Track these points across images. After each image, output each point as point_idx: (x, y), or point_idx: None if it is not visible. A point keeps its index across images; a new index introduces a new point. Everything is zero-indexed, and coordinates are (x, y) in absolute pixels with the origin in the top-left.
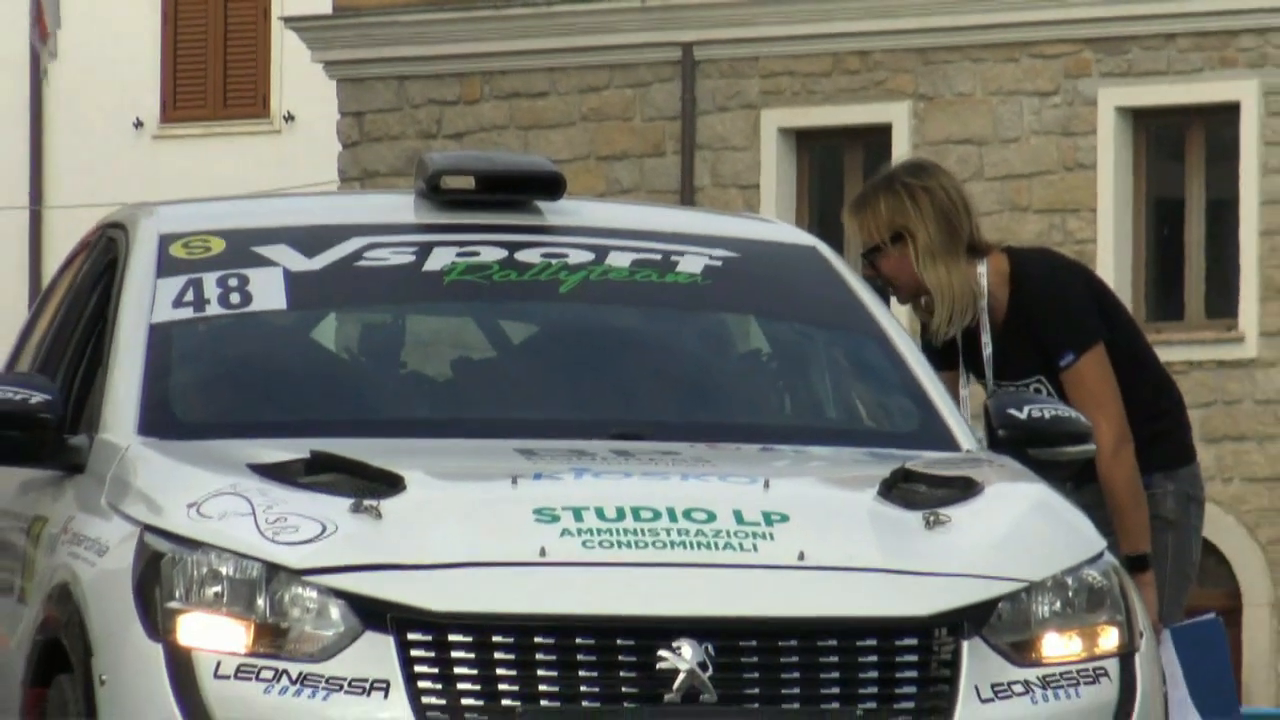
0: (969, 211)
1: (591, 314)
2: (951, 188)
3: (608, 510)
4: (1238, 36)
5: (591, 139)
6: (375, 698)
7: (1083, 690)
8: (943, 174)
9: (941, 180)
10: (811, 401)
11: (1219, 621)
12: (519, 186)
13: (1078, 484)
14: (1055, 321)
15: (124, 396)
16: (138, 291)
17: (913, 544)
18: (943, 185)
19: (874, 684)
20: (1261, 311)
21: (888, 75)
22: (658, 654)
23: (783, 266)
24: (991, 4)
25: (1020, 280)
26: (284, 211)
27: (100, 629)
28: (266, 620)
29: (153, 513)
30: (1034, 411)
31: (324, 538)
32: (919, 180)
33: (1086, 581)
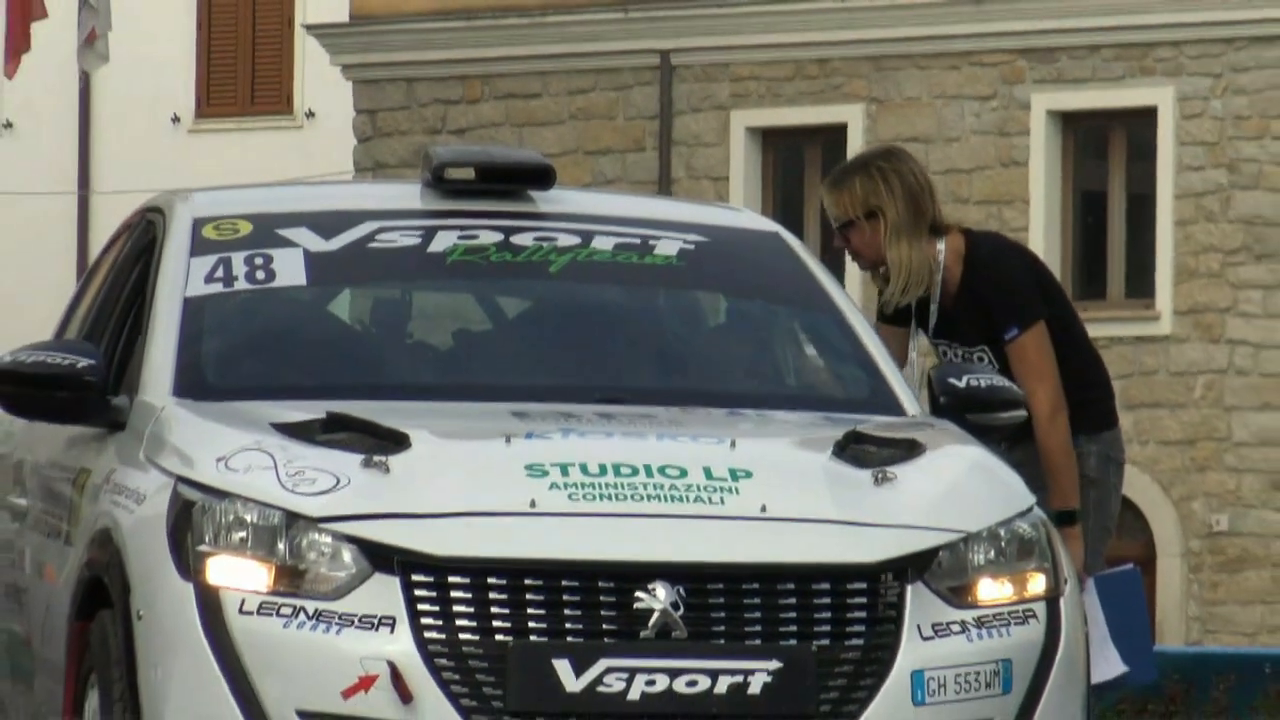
0: (933, 195)
1: (578, 292)
2: (919, 173)
3: (591, 466)
4: (1155, 48)
5: (579, 135)
6: (383, 632)
7: (1013, 630)
8: (912, 160)
9: (911, 166)
10: (773, 370)
11: (1137, 571)
12: (514, 177)
13: (1012, 444)
14: (1002, 299)
15: (160, 362)
16: (173, 268)
17: (862, 498)
18: (912, 170)
19: (827, 623)
20: (1175, 293)
21: (844, 80)
22: (634, 595)
23: (749, 250)
24: (936, 17)
25: (973, 259)
26: (304, 198)
27: (137, 569)
28: (286, 563)
29: (185, 466)
30: (971, 381)
31: (338, 489)
32: (891, 165)
33: (1017, 533)
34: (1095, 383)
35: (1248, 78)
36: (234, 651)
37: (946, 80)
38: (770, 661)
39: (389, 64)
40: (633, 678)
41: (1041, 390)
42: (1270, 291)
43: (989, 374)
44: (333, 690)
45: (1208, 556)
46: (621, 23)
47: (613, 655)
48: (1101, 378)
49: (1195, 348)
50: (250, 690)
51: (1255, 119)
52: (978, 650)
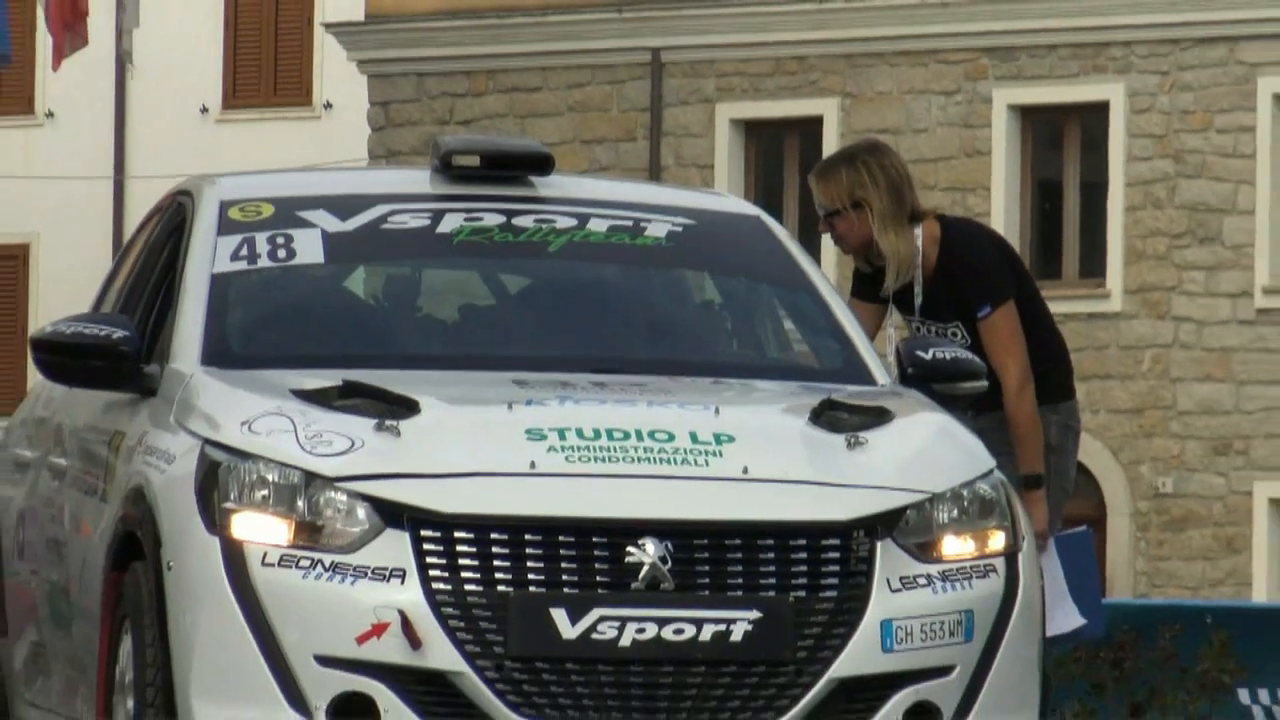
0: (911, 186)
1: (575, 270)
2: (900, 165)
3: (586, 431)
4: (1108, 48)
5: (576, 126)
6: (394, 583)
7: (975, 583)
8: (893, 154)
9: (893, 159)
10: (755, 343)
11: (1090, 532)
12: (516, 164)
13: (976, 413)
14: (976, 280)
15: (189, 333)
16: (201, 247)
17: (836, 461)
18: (894, 163)
19: (804, 576)
20: (1125, 274)
21: (820, 76)
22: (626, 550)
23: (732, 232)
24: (906, 19)
25: (947, 243)
26: (322, 183)
27: (168, 524)
28: (305, 519)
29: (212, 429)
30: (937, 354)
31: (353, 451)
32: (875, 158)
33: (979, 494)
34: (1056, 357)
35: (1193, 75)
36: (256, 600)
37: (914, 76)
38: (751, 611)
39: (401, 59)
40: (624, 626)
41: (1011, 364)
42: (1212, 272)
43: (953, 348)
44: (348, 636)
45: (1154, 516)
46: (616, 22)
47: (605, 605)
48: (1062, 352)
49: (1143, 324)
50: (271, 636)
51: (1200, 113)
52: (942, 601)
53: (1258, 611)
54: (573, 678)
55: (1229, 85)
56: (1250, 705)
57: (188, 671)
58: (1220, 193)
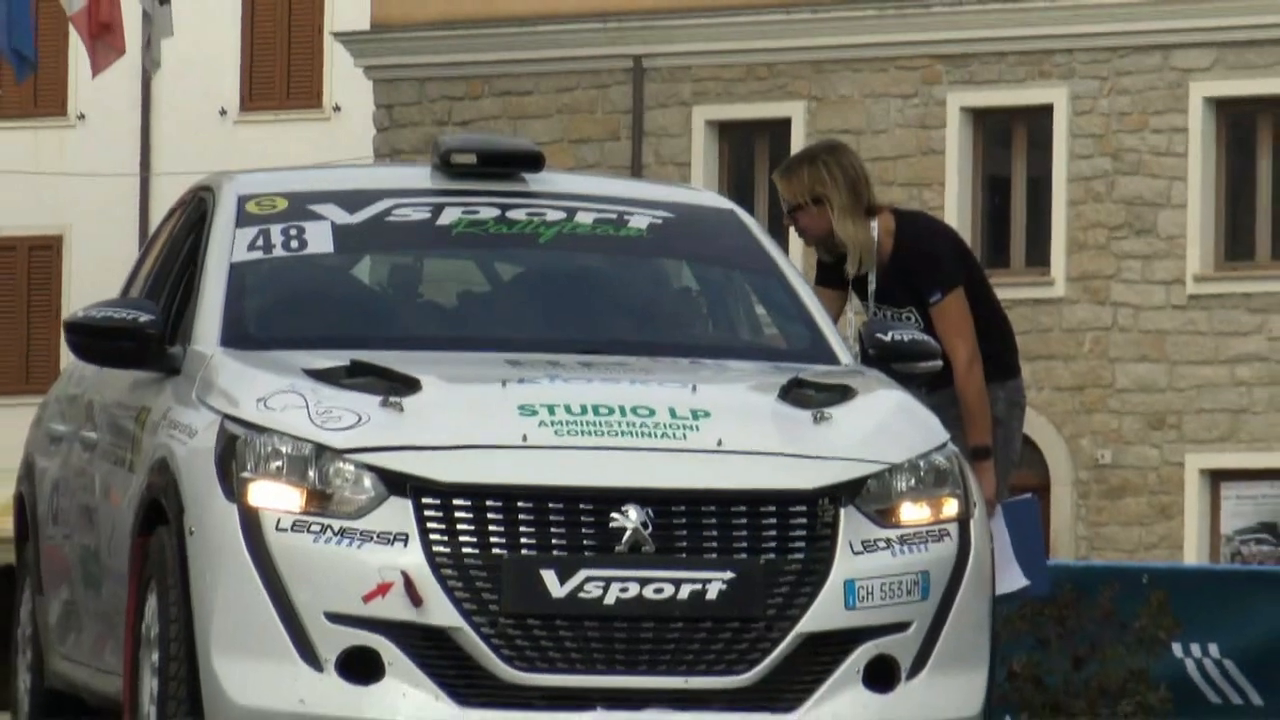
0: (868, 183)
1: (563, 259)
2: (858, 164)
3: (574, 406)
4: (1052, 55)
5: (564, 127)
6: (397, 546)
7: (930, 546)
8: (851, 153)
9: (851, 158)
10: (728, 326)
11: (1035, 499)
12: (510, 162)
13: (931, 390)
14: (927, 269)
15: (210, 317)
16: (221, 238)
17: (803, 434)
18: (852, 162)
19: (773, 540)
20: (1068, 262)
21: (788, 81)
22: (610, 516)
23: (708, 224)
24: (867, 28)
25: (902, 235)
26: (331, 179)
27: (190, 492)
28: (315, 487)
29: (230, 405)
30: (895, 336)
31: (360, 425)
32: (834, 157)
33: (934, 464)
34: (1003, 338)
35: (1130, 80)
36: (271, 562)
37: (875, 81)
38: (725, 572)
39: (404, 66)
40: (608, 586)
41: (961, 345)
42: (1148, 261)
43: (910, 330)
44: (355, 595)
45: (1094, 485)
46: (600, 32)
47: (591, 566)
48: (1008, 334)
49: (1084, 309)
50: (285, 595)
51: (1136, 115)
52: (900, 563)
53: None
54: (561, 633)
55: (1163, 89)
56: (1184, 658)
57: (208, 628)
58: (1155, 188)
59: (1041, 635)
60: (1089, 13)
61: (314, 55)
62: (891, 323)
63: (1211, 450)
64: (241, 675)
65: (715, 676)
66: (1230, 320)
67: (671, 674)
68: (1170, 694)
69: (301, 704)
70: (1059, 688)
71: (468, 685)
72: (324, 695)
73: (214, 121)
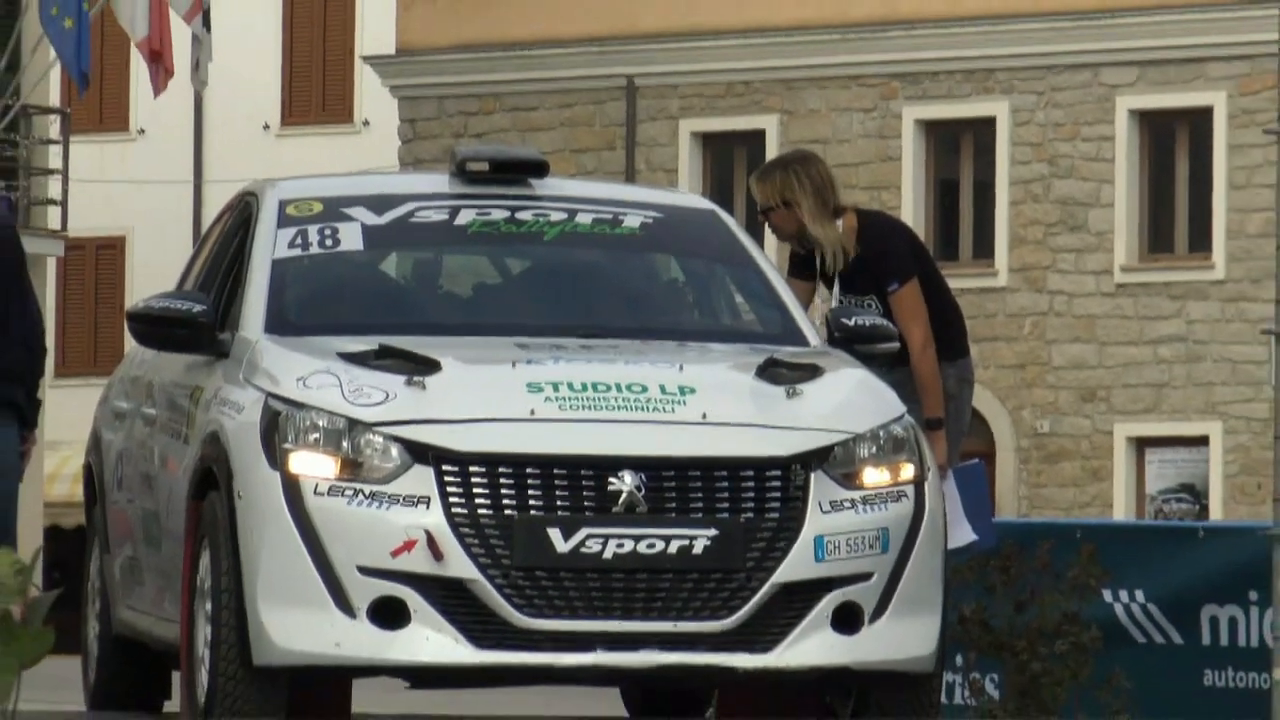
0: (834, 187)
1: (566, 254)
2: (825, 172)
3: (575, 384)
4: (994, 73)
5: (566, 138)
6: (420, 508)
7: (889, 506)
8: (819, 162)
9: (819, 167)
10: (711, 313)
11: (982, 464)
12: (518, 169)
13: (891, 368)
14: (886, 262)
15: (254, 307)
16: (264, 237)
17: (778, 408)
18: (819, 171)
19: (751, 501)
20: (1009, 255)
21: (763, 97)
22: (608, 480)
23: (692, 223)
24: (832, 50)
25: (863, 232)
26: (361, 185)
27: (238, 462)
28: (349, 457)
29: (273, 384)
30: (858, 321)
31: (387, 402)
32: (803, 166)
33: (892, 433)
34: (953, 322)
35: (1063, 95)
36: (310, 523)
37: (839, 97)
38: (709, 530)
39: (425, 85)
40: (606, 542)
41: (916, 329)
42: (1080, 254)
43: (871, 315)
44: (384, 551)
45: (1034, 452)
46: (597, 55)
47: (591, 525)
48: (958, 318)
49: (1024, 296)
50: (321, 551)
51: (1069, 126)
52: (863, 521)
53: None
54: (565, 583)
55: (1093, 103)
56: (1113, 603)
57: (254, 581)
58: (1086, 190)
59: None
60: (1026, 35)
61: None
62: (854, 309)
63: (1137, 420)
64: (284, 622)
65: (701, 621)
66: (1153, 306)
67: (662, 619)
68: (1100, 634)
69: (337, 647)
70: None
71: (483, 630)
72: (356, 640)
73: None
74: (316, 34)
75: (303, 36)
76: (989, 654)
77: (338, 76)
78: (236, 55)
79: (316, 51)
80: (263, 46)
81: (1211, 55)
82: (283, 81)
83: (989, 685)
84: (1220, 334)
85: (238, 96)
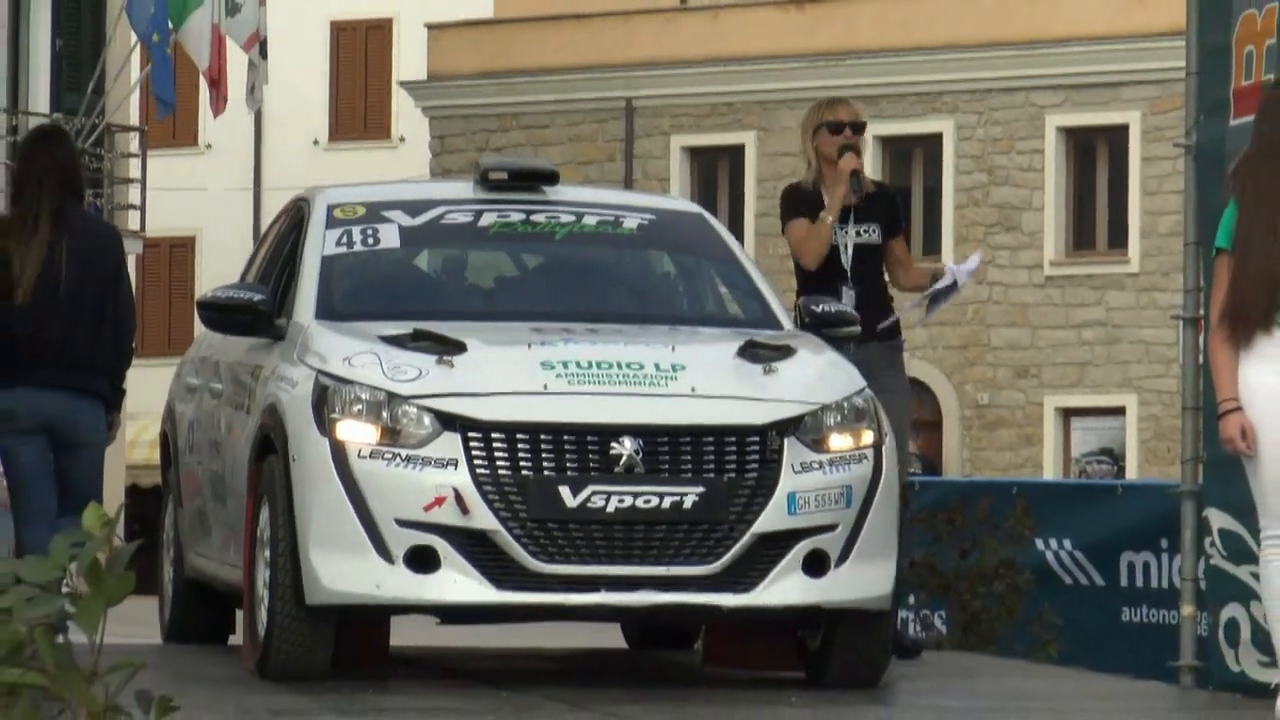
0: None
1: (574, 251)
2: None
3: (582, 362)
4: (942, 96)
5: (573, 152)
6: (449, 469)
7: (852, 467)
8: None
9: None
10: (699, 301)
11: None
12: (533, 178)
13: (858, 344)
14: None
15: (306, 297)
16: (314, 237)
17: (756, 383)
18: None
19: (734, 462)
20: (954, 252)
21: (742, 116)
22: (610, 444)
23: (683, 224)
24: (802, 76)
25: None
26: (398, 192)
27: (292, 429)
28: (388, 425)
29: (322, 363)
30: (824, 308)
31: (421, 378)
32: None
33: (855, 405)
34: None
35: (1000, 114)
36: (354, 482)
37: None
38: (697, 487)
39: (453, 106)
40: (609, 497)
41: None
42: (1014, 251)
43: (836, 304)
44: (418, 506)
45: (975, 421)
46: (600, 80)
47: (596, 483)
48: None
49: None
50: (364, 507)
51: (1004, 141)
52: (830, 480)
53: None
54: (573, 533)
55: (1025, 121)
56: (1043, 550)
57: (306, 531)
58: (1019, 196)
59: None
60: (969, 63)
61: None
62: (820, 298)
63: (1063, 393)
64: (332, 567)
65: (690, 566)
66: (1077, 295)
67: (657, 564)
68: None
69: (377, 589)
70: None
71: (503, 573)
72: (394, 582)
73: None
74: (359, 63)
75: (347, 65)
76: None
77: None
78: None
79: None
80: (313, 73)
81: (1127, 80)
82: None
83: (937, 621)
84: (1135, 319)
85: (292, 116)
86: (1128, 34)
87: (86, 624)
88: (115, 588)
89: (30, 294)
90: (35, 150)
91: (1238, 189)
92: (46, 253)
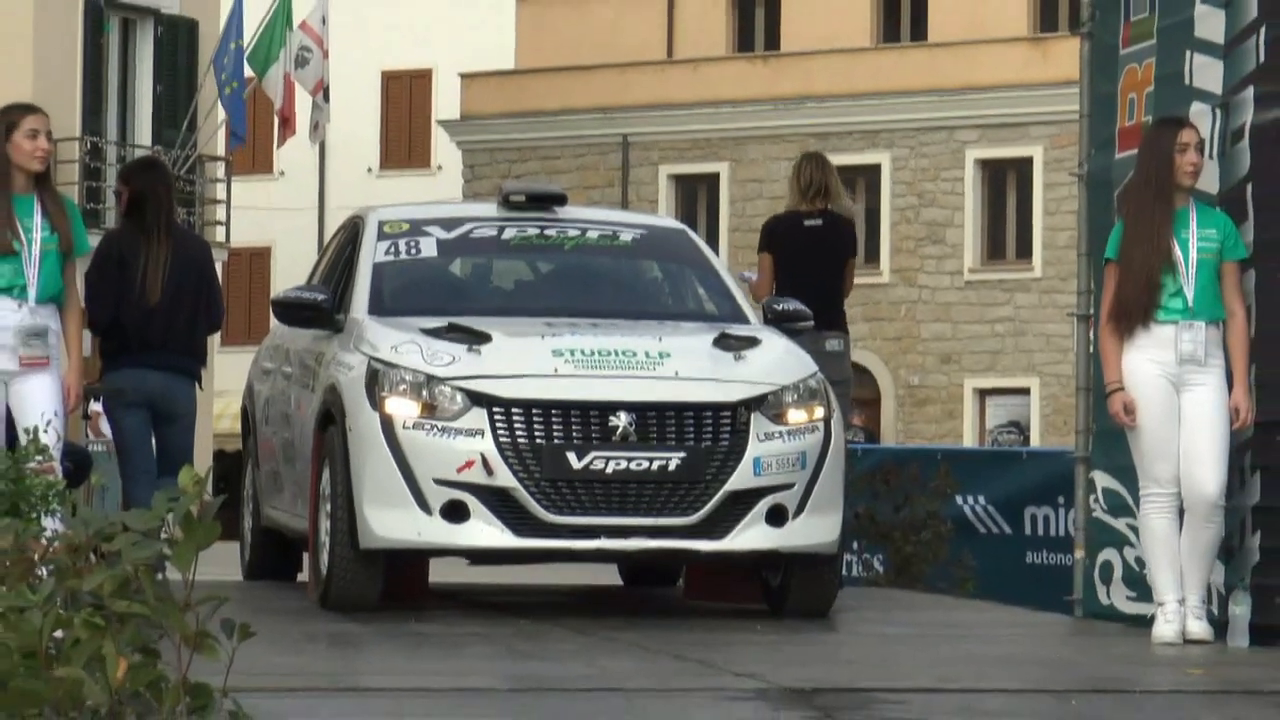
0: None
1: (580, 259)
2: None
3: (586, 351)
4: (880, 134)
5: (580, 179)
6: (477, 438)
7: (806, 436)
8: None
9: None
10: (681, 301)
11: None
12: (546, 200)
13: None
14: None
15: (361, 296)
16: (368, 247)
17: (728, 367)
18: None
19: (709, 433)
20: (890, 261)
21: (718, 149)
22: (609, 418)
23: (669, 238)
24: (767, 116)
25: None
26: (436, 211)
27: (349, 405)
28: (427, 401)
29: (374, 350)
30: (784, 307)
31: (454, 363)
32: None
33: (809, 385)
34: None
35: (928, 149)
36: (400, 448)
37: (772, 149)
38: (679, 453)
39: (481, 140)
40: (608, 461)
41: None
42: (939, 260)
43: (794, 303)
44: (451, 467)
45: (907, 399)
46: (602, 119)
47: (597, 450)
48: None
49: (901, 290)
50: (408, 469)
51: (931, 170)
52: (788, 447)
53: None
54: (579, 490)
55: (948, 154)
56: (962, 505)
57: (361, 489)
58: (944, 215)
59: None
60: (903, 107)
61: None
62: (781, 299)
63: (979, 377)
64: (381, 518)
65: (674, 517)
66: (990, 296)
67: (647, 515)
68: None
69: (419, 535)
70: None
71: (521, 523)
72: (432, 530)
73: (363, 176)
74: (405, 105)
75: (395, 107)
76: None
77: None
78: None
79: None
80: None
81: (1033, 120)
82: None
83: (876, 563)
84: (1038, 316)
85: (349, 149)
86: (1033, 83)
87: (181, 564)
88: (204, 535)
89: (159, 294)
90: (149, 175)
91: (1123, 210)
92: (168, 259)
